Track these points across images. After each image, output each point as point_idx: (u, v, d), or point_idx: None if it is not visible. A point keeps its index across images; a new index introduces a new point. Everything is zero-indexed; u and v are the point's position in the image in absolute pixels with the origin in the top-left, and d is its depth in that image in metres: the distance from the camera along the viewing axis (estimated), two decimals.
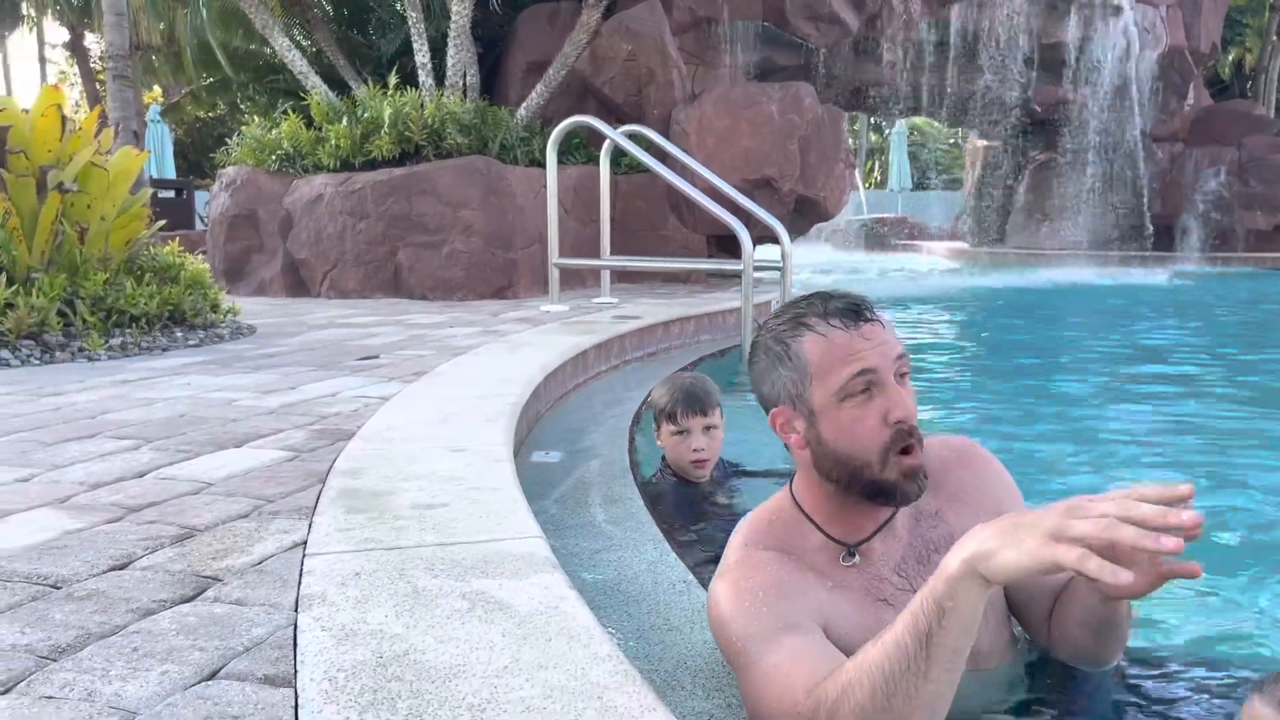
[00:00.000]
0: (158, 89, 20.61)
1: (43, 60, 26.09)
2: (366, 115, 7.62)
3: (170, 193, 14.07)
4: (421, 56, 8.38)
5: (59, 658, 1.24)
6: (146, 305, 4.62)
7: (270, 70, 10.28)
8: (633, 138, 6.62)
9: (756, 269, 5.11)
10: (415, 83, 8.30)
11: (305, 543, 1.66)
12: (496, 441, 2.36)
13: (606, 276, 6.75)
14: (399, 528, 1.69)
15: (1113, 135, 14.24)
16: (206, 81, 11.99)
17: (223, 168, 8.40)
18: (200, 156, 18.94)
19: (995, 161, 16.23)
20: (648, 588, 1.75)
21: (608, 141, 6.41)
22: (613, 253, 6.85)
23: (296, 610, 1.37)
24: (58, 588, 1.48)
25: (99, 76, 18.72)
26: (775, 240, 5.43)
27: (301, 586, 1.44)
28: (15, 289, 4.25)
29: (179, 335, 4.68)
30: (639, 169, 7.56)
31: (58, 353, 4.13)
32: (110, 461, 2.30)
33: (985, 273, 13.33)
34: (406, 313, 6.10)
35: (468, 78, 8.53)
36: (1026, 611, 1.45)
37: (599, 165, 6.71)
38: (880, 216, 22.53)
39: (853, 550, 1.38)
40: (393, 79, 8.04)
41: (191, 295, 4.93)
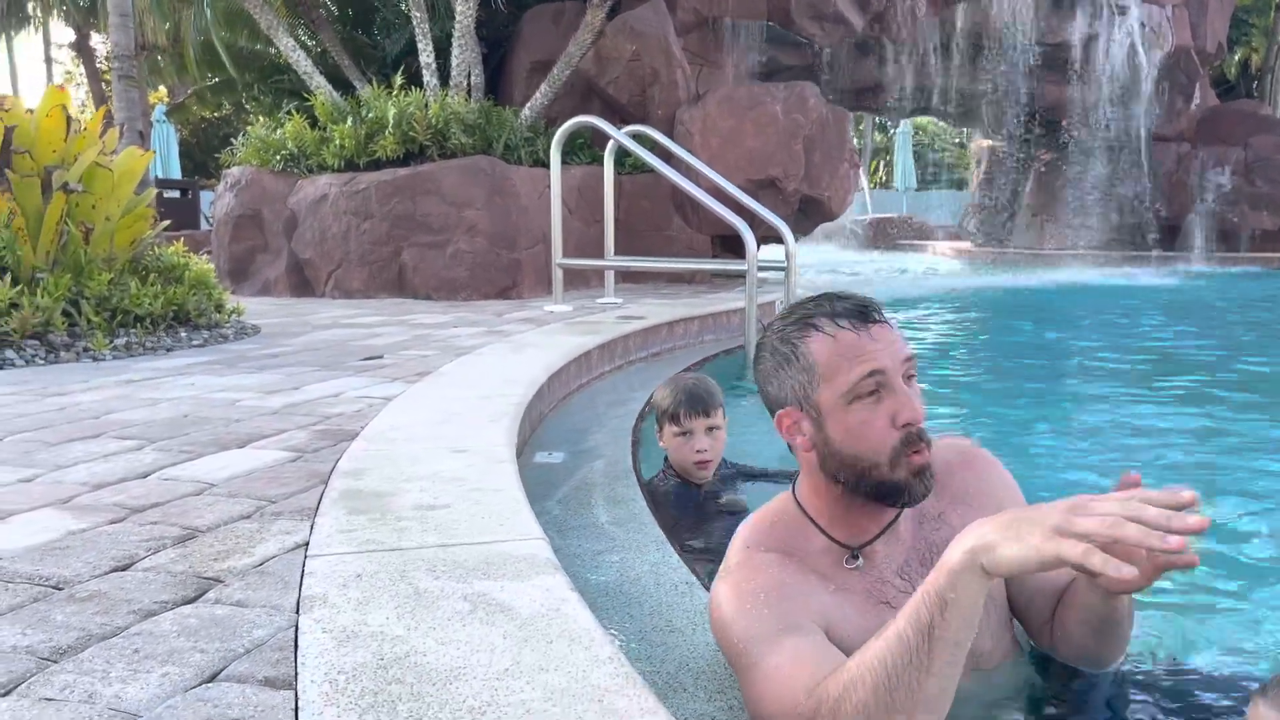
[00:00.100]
0: (163, 89, 20.65)
1: (49, 60, 26.18)
2: (371, 115, 7.63)
3: (175, 193, 14.10)
4: (426, 56, 8.39)
5: (60, 659, 1.24)
6: (151, 305, 4.62)
7: (275, 70, 10.29)
8: (637, 138, 6.62)
9: (761, 269, 5.11)
10: (420, 83, 8.31)
11: (307, 544, 1.66)
12: (499, 442, 2.36)
13: (610, 277, 6.75)
14: (401, 529, 1.69)
15: (1119, 135, 14.20)
16: (211, 82, 11.99)
17: (228, 168, 8.42)
18: (206, 156, 18.97)
19: (1001, 161, 16.18)
20: (650, 589, 1.75)
21: (612, 141, 6.41)
22: (617, 253, 6.85)
23: (298, 612, 1.36)
24: (59, 589, 1.49)
25: (105, 77, 18.76)
26: (780, 240, 5.43)
27: (303, 588, 1.44)
28: (20, 289, 4.27)
29: (183, 335, 4.69)
30: (643, 169, 7.55)
31: (62, 353, 4.14)
32: (113, 462, 2.30)
33: (990, 273, 13.30)
34: (411, 313, 6.10)
35: (472, 78, 8.53)
36: (1028, 613, 1.45)
37: (603, 165, 6.71)
38: (885, 216, 22.51)
39: (856, 553, 1.37)
40: (397, 79, 8.05)
41: (196, 295, 4.94)
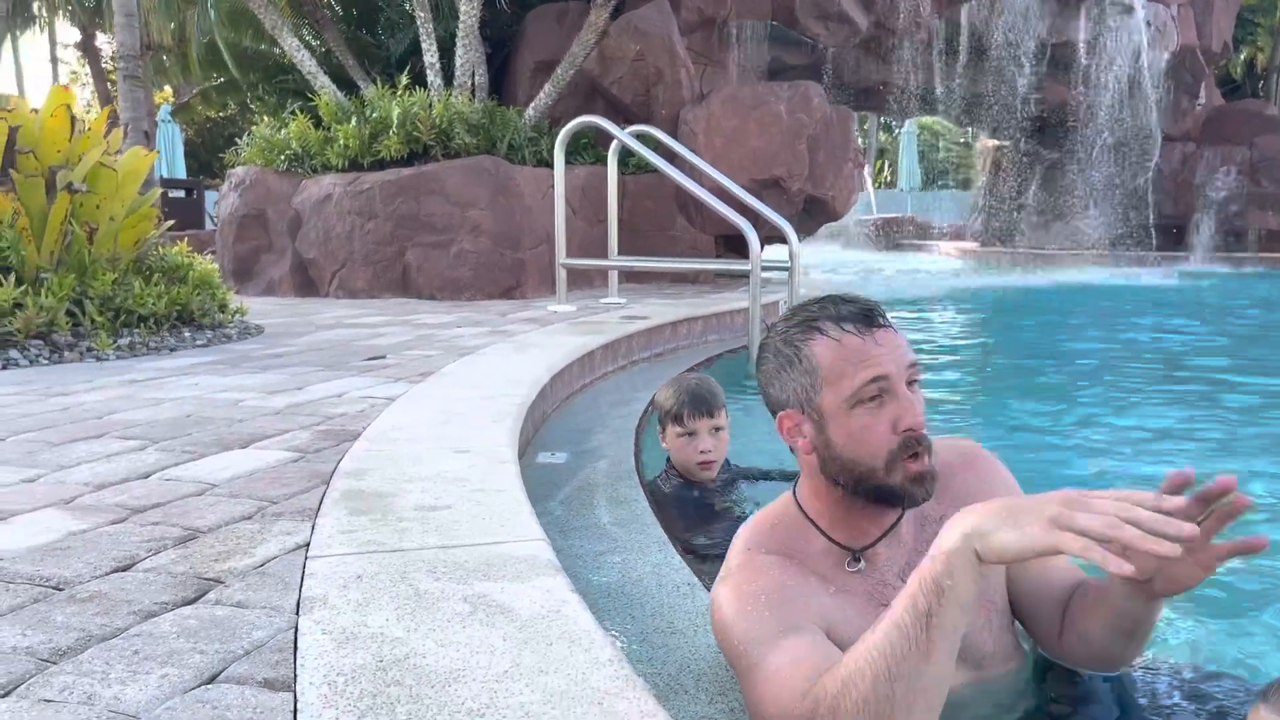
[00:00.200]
0: (169, 89, 20.67)
1: (54, 60, 26.19)
2: (375, 115, 7.63)
3: (180, 192, 14.14)
4: (430, 56, 8.39)
5: (59, 660, 1.24)
6: (155, 305, 4.63)
7: (279, 70, 10.30)
8: (640, 138, 6.61)
9: (765, 269, 5.10)
10: (424, 83, 8.31)
11: (308, 545, 1.66)
12: (501, 443, 2.36)
13: (614, 277, 6.74)
14: (402, 530, 1.69)
15: (1124, 135, 14.18)
16: (216, 82, 12.02)
17: (232, 168, 8.43)
18: (211, 156, 19.01)
19: (1006, 161, 16.16)
20: (652, 590, 1.74)
21: (615, 141, 6.41)
22: (620, 253, 6.85)
23: (298, 613, 1.36)
24: (60, 589, 1.48)
25: (110, 77, 18.77)
26: (784, 240, 5.42)
27: (303, 589, 1.44)
28: (24, 289, 4.27)
29: (187, 335, 4.69)
30: (647, 169, 7.55)
31: (66, 353, 4.15)
32: (116, 462, 2.30)
33: (995, 272, 13.29)
34: (414, 313, 6.10)
35: (476, 77, 8.53)
36: (1033, 618, 1.44)
37: (607, 165, 6.71)
38: (889, 216, 22.48)
39: (857, 555, 1.37)
40: (402, 79, 8.05)
41: (200, 295, 4.94)
